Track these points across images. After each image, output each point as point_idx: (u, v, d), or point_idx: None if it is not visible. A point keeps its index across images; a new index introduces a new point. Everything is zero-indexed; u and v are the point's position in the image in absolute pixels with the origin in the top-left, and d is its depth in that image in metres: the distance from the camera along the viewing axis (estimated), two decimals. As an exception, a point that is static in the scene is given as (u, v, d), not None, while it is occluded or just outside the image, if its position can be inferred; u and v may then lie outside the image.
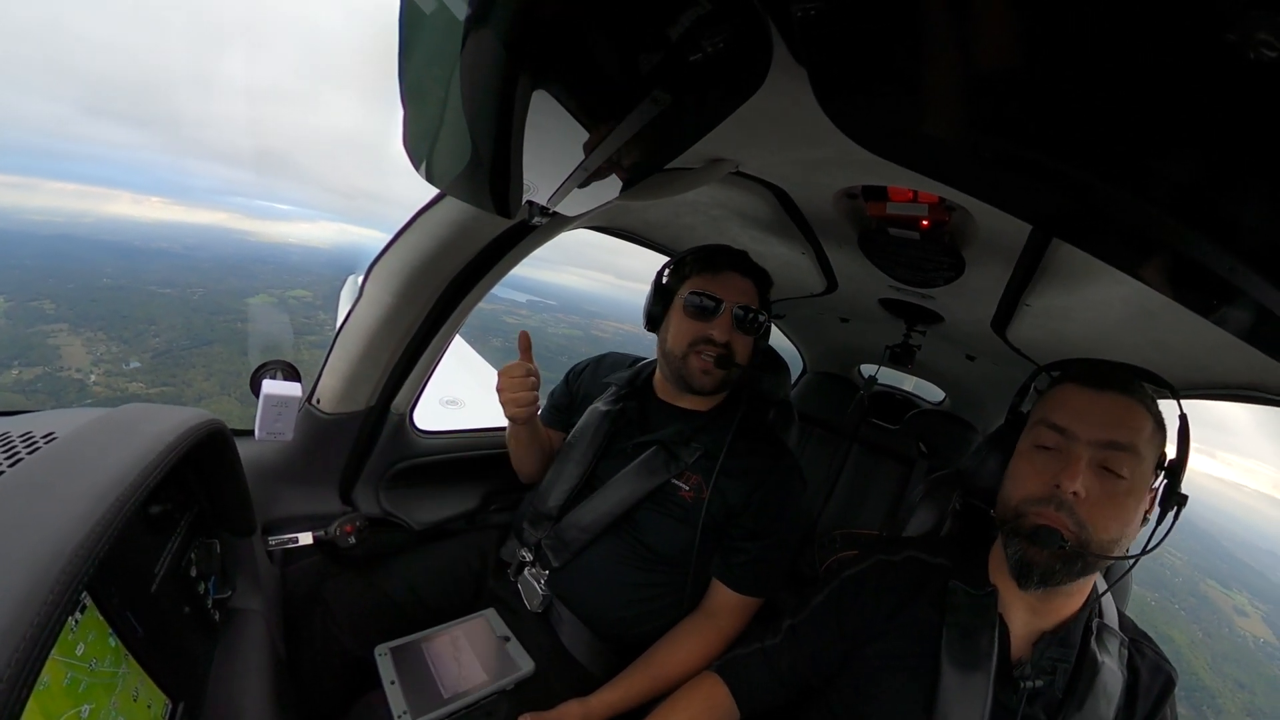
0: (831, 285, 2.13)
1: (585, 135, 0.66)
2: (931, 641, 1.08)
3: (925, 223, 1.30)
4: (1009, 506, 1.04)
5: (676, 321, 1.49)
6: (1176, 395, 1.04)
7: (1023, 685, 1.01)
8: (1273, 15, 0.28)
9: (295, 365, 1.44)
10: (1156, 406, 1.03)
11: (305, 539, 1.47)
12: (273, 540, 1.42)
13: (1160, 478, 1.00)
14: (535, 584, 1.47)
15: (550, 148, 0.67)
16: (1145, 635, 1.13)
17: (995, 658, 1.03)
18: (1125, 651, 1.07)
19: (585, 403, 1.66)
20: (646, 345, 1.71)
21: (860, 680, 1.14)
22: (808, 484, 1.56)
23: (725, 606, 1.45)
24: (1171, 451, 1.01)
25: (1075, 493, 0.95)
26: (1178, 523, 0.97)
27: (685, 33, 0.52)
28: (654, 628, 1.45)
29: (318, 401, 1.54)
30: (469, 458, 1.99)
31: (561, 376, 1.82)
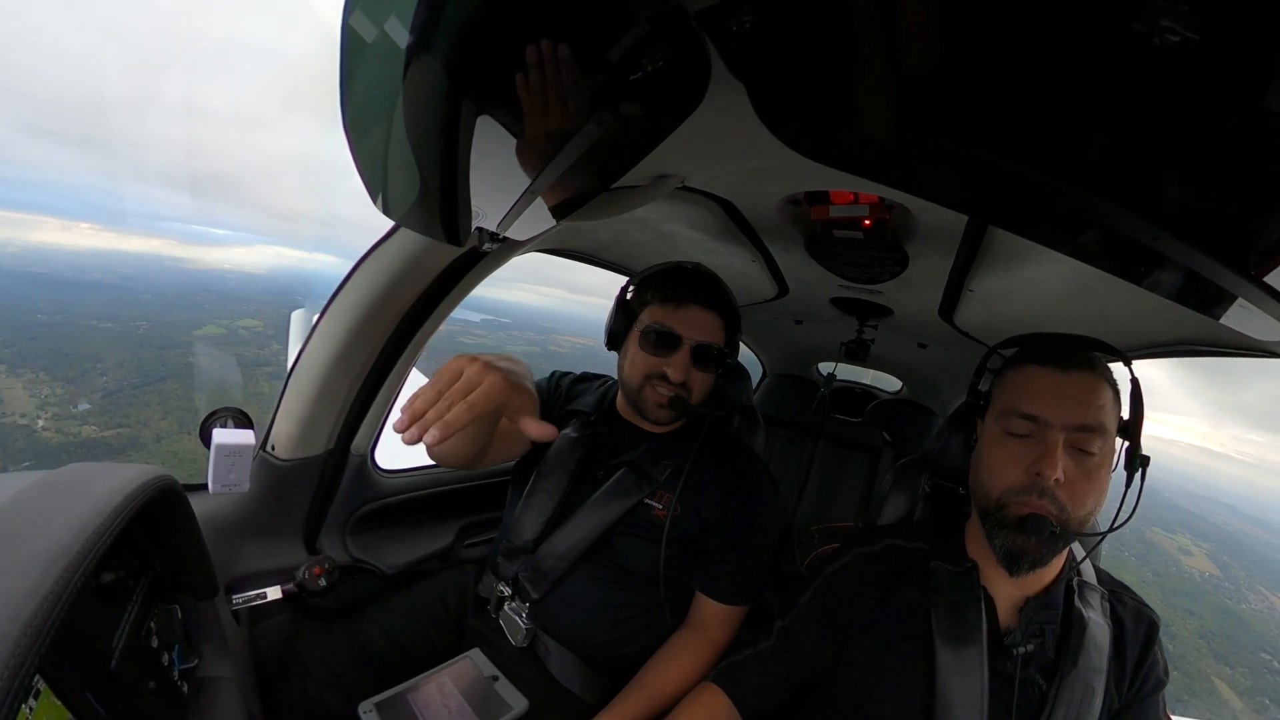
0: (783, 289, 2.18)
1: (531, 158, 0.66)
2: (921, 623, 1.10)
3: (867, 222, 1.34)
4: (991, 498, 1.06)
5: (634, 351, 1.46)
6: (1128, 361, 1.09)
7: (1015, 651, 1.05)
8: (1175, 4, 0.30)
9: (246, 412, 1.38)
10: (1111, 375, 1.07)
11: (273, 594, 1.40)
12: (237, 599, 1.35)
13: (1121, 444, 1.04)
14: (517, 618, 1.44)
15: (496, 172, 0.68)
16: (1122, 585, 1.18)
17: (985, 629, 1.06)
18: (1107, 604, 1.12)
19: (553, 412, 1.63)
20: (605, 361, 1.68)
21: (857, 670, 1.15)
22: (779, 485, 1.58)
23: (712, 618, 1.44)
24: (1127, 414, 1.06)
25: (1057, 479, 0.98)
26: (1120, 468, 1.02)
27: (626, 53, 0.53)
28: (641, 647, 1.43)
29: (273, 448, 1.48)
30: (437, 494, 1.94)
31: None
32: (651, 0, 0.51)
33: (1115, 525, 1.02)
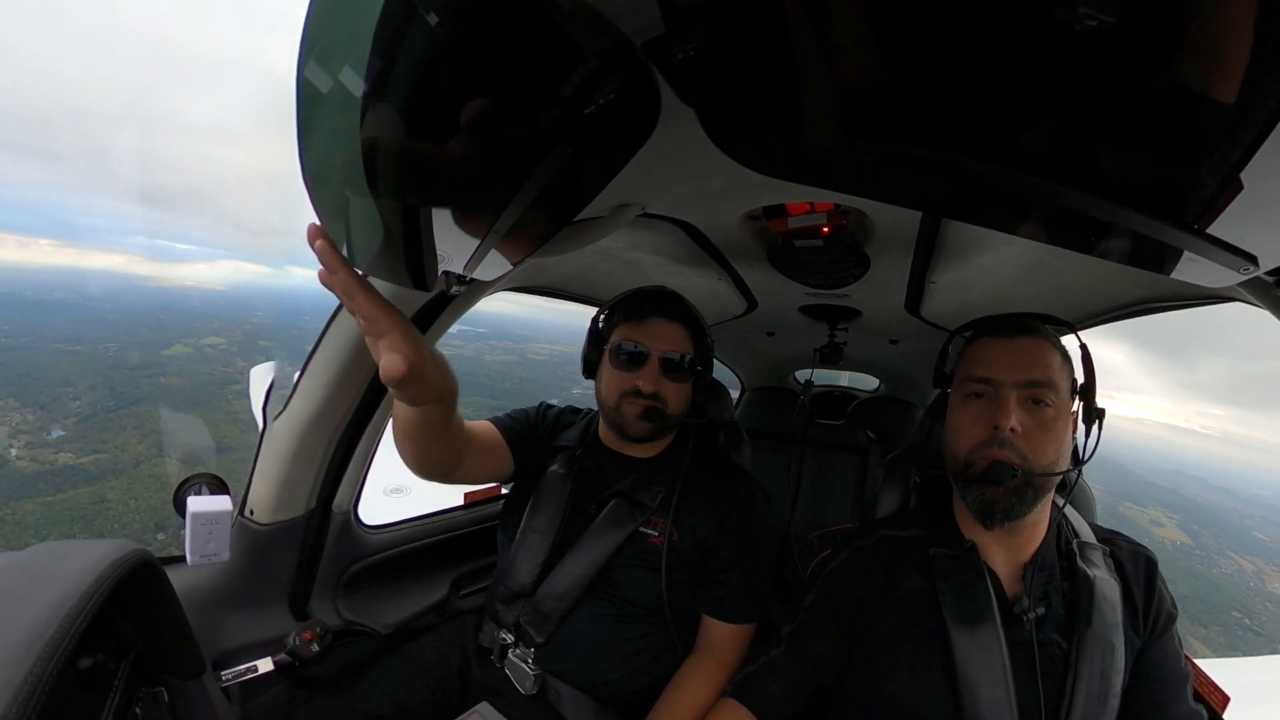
0: (752, 304, 2.21)
1: (493, 198, 0.67)
2: (930, 609, 1.12)
3: (826, 230, 1.38)
4: (958, 459, 1.13)
5: (607, 372, 1.48)
6: (1074, 329, 1.19)
7: (1026, 618, 1.07)
8: None
9: (220, 477, 1.34)
10: (1060, 342, 1.17)
11: (264, 666, 1.35)
12: (227, 675, 1.30)
13: (1076, 401, 1.13)
14: (523, 665, 1.40)
15: (459, 215, 0.68)
16: (1114, 532, 1.22)
17: (995, 604, 1.08)
18: (1110, 560, 1.15)
19: (539, 450, 1.59)
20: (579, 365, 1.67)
21: (874, 664, 1.15)
22: (771, 498, 1.58)
23: (722, 639, 1.43)
24: (1081, 377, 1.14)
25: (1013, 429, 1.05)
26: (1098, 450, 1.09)
27: (578, 88, 0.54)
28: (654, 679, 1.41)
29: (251, 512, 1.43)
30: (427, 545, 1.90)
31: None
32: (600, 36, 0.53)
33: (1082, 460, 1.10)
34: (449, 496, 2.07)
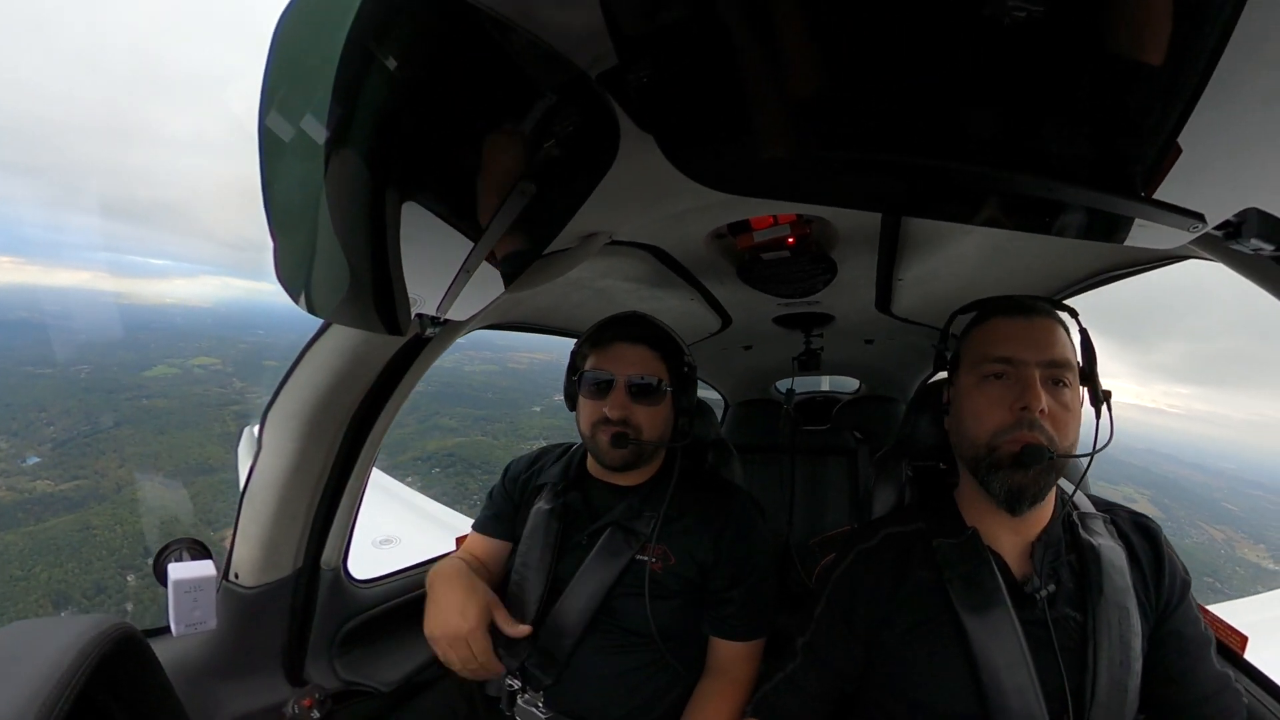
0: (726, 320, 2.23)
1: (461, 238, 0.67)
2: (940, 601, 1.10)
3: (791, 240, 1.41)
4: (980, 443, 1.08)
5: (581, 402, 1.46)
6: (1076, 315, 1.16)
7: (1039, 596, 1.06)
8: None
9: (202, 541, 1.28)
10: (1064, 321, 1.14)
11: None
12: (224, 754, 1.25)
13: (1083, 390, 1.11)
14: (534, 710, 1.37)
15: (429, 256, 0.68)
16: (1116, 504, 1.22)
17: (1004, 587, 1.07)
18: (1111, 526, 1.15)
19: (527, 505, 1.58)
20: (562, 372, 1.65)
21: (892, 664, 1.13)
22: (765, 510, 1.58)
23: (732, 659, 1.41)
24: (1081, 362, 1.12)
25: (1041, 410, 1.02)
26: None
27: (538, 123, 0.56)
28: (668, 708, 1.39)
29: (236, 576, 1.38)
30: (423, 595, 1.85)
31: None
32: (556, 70, 0.54)
33: (1099, 447, 1.07)
34: (441, 544, 2.04)
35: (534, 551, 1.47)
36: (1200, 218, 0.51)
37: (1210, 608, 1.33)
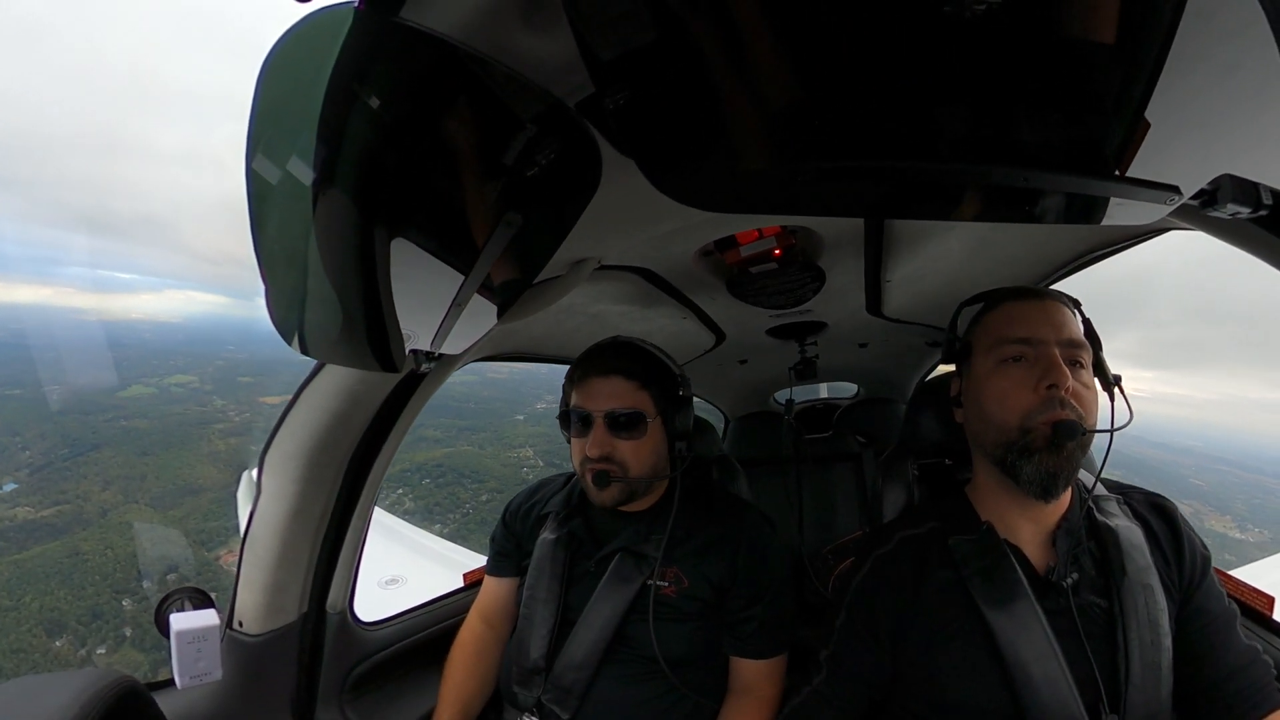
0: (720, 336, 2.25)
1: (452, 272, 0.68)
2: (962, 599, 1.08)
3: (778, 252, 1.42)
4: (1010, 427, 1.05)
5: (571, 440, 1.43)
6: (1079, 305, 1.16)
7: (1064, 585, 1.05)
8: None
9: (203, 590, 1.26)
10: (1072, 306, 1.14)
11: None
12: (239, 814, 1.21)
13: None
14: None
15: (420, 291, 0.69)
16: (1128, 486, 1.21)
17: (1025, 579, 1.06)
18: (1126, 507, 1.14)
19: (531, 538, 1.56)
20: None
21: (920, 669, 1.11)
22: (775, 523, 1.56)
23: (756, 677, 1.38)
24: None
25: (1068, 387, 1.01)
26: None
27: (520, 154, 0.57)
28: None
29: (240, 624, 1.36)
30: (432, 636, 1.82)
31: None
32: (534, 102, 0.55)
33: (1120, 425, 1.06)
34: (448, 580, 2.01)
35: (541, 583, 1.45)
36: (1175, 190, 0.51)
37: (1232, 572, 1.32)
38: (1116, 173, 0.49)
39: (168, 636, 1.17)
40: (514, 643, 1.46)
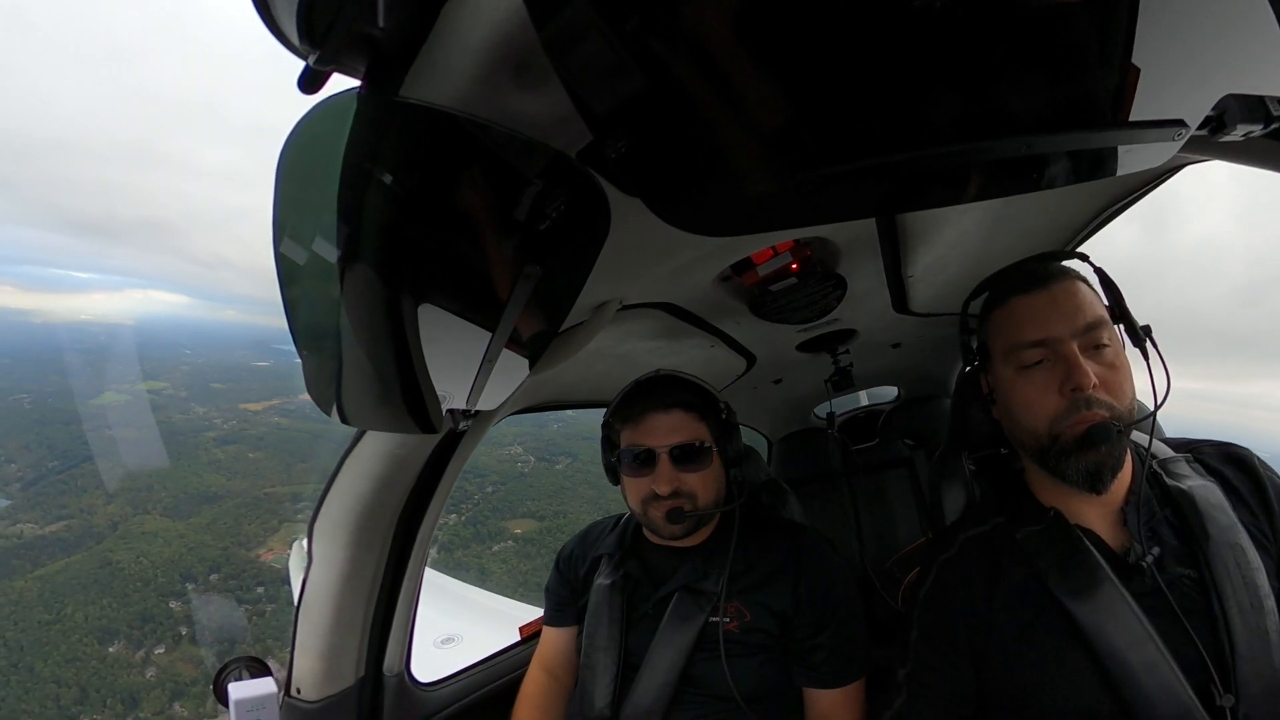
0: (750, 360, 2.24)
1: (479, 330, 0.70)
2: (1041, 595, 1.03)
3: (794, 266, 1.42)
4: (1041, 434, 1.03)
5: (625, 480, 1.43)
6: (1086, 257, 1.12)
7: (1144, 564, 0.98)
8: None
9: (260, 658, 1.29)
10: (1078, 272, 1.10)
11: None
12: None
13: (1120, 328, 1.06)
14: None
15: (451, 352, 0.71)
16: (1191, 441, 1.14)
17: (1104, 562, 1.00)
18: (1196, 464, 1.07)
19: (587, 584, 1.56)
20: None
21: (1007, 676, 1.05)
22: (834, 543, 1.52)
23: (833, 707, 1.33)
24: (1106, 300, 1.08)
25: (1093, 385, 0.97)
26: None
27: (530, 209, 0.59)
28: None
29: (298, 691, 1.37)
30: (492, 693, 1.80)
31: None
32: (537, 157, 0.58)
33: (1162, 399, 1.02)
34: (504, 635, 2.00)
35: (600, 630, 1.43)
36: (1180, 123, 0.50)
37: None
38: (1116, 120, 0.48)
39: (227, 706, 1.20)
40: (577, 693, 1.43)
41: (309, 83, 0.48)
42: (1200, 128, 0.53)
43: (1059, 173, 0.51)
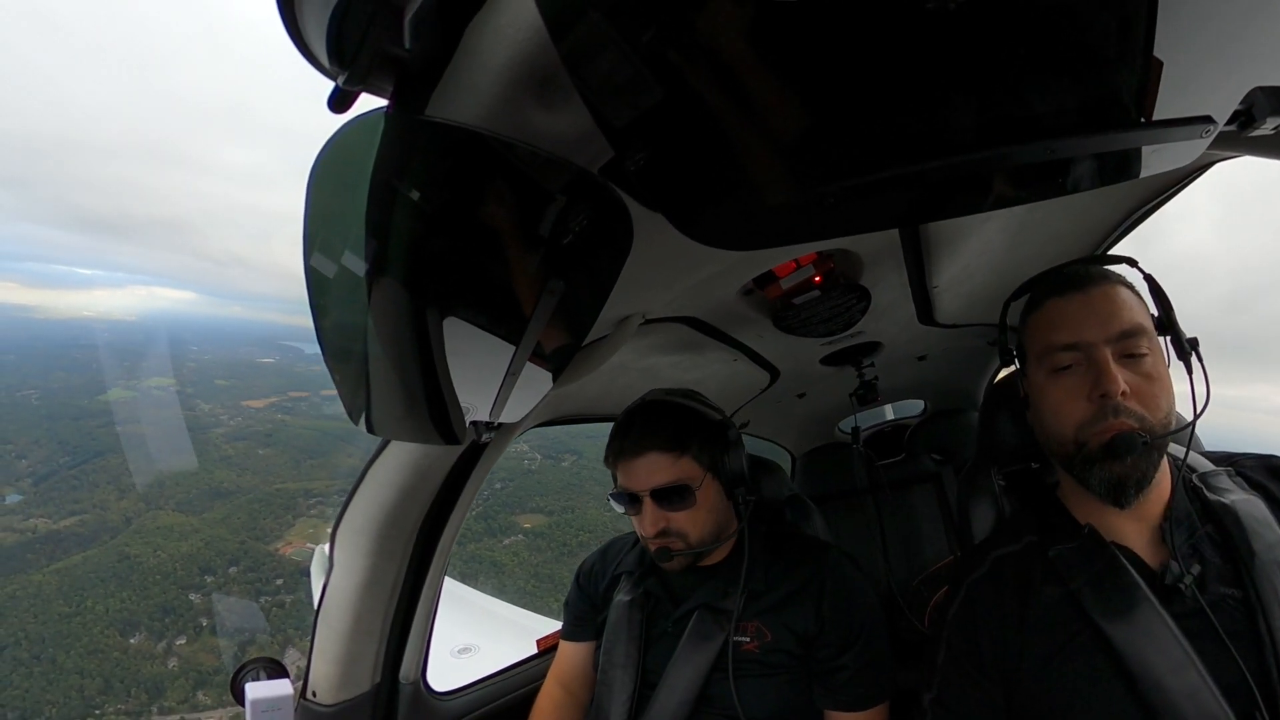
0: (774, 374, 2.22)
1: (503, 344, 0.71)
2: (1075, 615, 0.99)
3: (817, 279, 1.41)
4: (1067, 440, 1.01)
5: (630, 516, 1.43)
6: (1135, 262, 1.09)
7: (1183, 585, 0.94)
8: None
9: (278, 660, 1.31)
10: (1124, 279, 1.07)
11: None
12: None
13: (1164, 339, 1.02)
14: None
15: (476, 365, 0.72)
16: (1232, 454, 1.09)
17: (1142, 582, 0.96)
18: (1239, 478, 1.03)
19: (606, 600, 1.55)
20: None
21: (1038, 700, 1.01)
22: (859, 561, 1.49)
23: None
24: (1155, 310, 1.05)
25: (1123, 392, 0.94)
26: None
27: (554, 225, 0.60)
28: None
29: (314, 694, 1.39)
30: (508, 703, 1.80)
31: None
32: (560, 174, 0.59)
33: (1200, 411, 0.98)
34: (521, 647, 2.00)
35: (618, 647, 1.42)
36: (1208, 119, 0.48)
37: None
38: (1141, 119, 0.46)
39: (243, 704, 1.22)
40: (593, 710, 1.42)
41: (338, 102, 0.49)
42: (1228, 123, 0.52)
43: (1084, 176, 0.50)
